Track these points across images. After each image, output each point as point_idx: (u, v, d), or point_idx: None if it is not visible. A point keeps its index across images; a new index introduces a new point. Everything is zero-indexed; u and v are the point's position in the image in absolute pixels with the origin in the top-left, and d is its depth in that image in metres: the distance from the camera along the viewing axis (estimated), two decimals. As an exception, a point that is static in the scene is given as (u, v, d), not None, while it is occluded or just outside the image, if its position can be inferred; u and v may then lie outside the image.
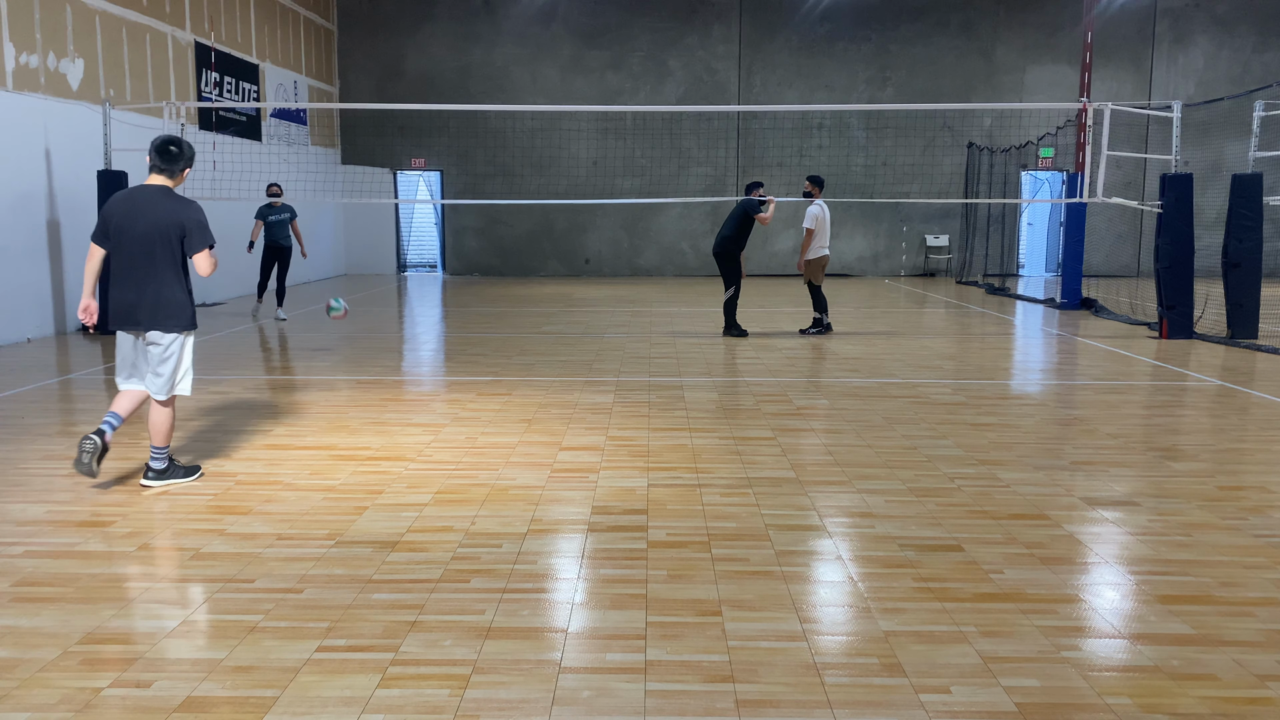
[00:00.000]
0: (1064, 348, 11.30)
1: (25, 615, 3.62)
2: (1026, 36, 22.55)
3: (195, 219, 5.23)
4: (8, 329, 11.02)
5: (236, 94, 17.21)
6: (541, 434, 6.62)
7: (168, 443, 5.33)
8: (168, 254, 5.18)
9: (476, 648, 3.36)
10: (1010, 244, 22.54)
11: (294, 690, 3.07)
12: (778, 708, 2.97)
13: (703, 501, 5.07)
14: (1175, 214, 11.83)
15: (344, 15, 22.49)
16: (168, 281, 5.20)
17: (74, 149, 12.22)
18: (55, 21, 12.04)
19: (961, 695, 3.04)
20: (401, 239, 23.67)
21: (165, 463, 5.33)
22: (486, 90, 22.51)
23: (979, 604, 3.75)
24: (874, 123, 22.63)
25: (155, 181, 5.25)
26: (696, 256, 23.25)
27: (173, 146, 5.25)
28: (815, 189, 12.16)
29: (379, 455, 6.04)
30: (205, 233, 5.26)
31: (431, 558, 4.24)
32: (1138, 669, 3.24)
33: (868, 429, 6.82)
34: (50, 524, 4.67)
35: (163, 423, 5.27)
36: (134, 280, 5.17)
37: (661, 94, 22.61)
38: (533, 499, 5.10)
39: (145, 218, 5.14)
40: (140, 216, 5.14)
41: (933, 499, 5.13)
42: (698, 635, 3.46)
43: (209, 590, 3.86)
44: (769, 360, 10.07)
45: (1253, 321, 11.40)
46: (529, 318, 14.06)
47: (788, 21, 22.57)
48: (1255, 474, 5.70)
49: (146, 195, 5.19)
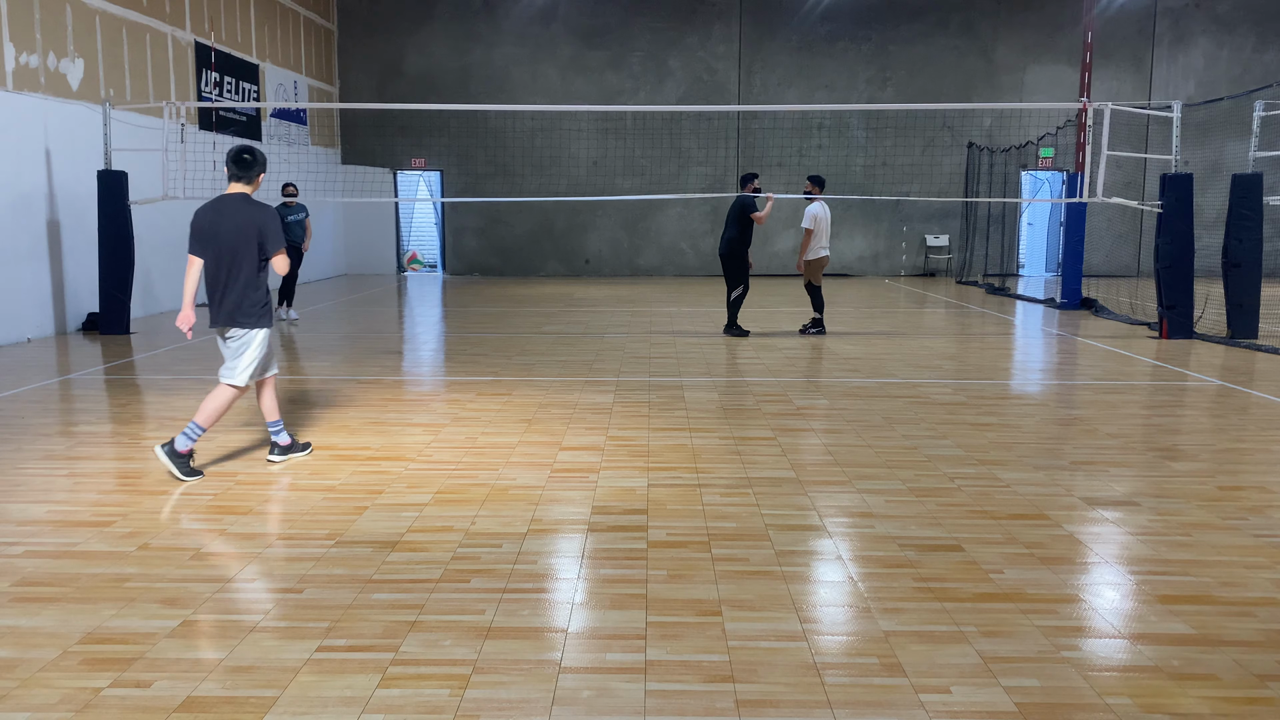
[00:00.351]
0: (1064, 348, 11.30)
1: (25, 615, 3.62)
2: (1026, 36, 22.55)
3: (271, 224, 5.65)
4: (8, 329, 11.02)
5: (236, 94, 17.21)
6: (541, 434, 6.62)
7: (209, 425, 5.64)
8: (249, 257, 5.59)
9: (476, 648, 3.36)
10: (1010, 244, 22.53)
11: (294, 690, 3.07)
12: (778, 708, 2.97)
13: (703, 501, 5.07)
14: (1175, 214, 11.82)
15: (344, 15, 22.49)
16: (250, 282, 5.64)
17: (74, 149, 12.22)
18: (55, 21, 12.04)
19: (961, 695, 3.04)
20: (401, 239, 23.67)
21: (190, 446, 5.53)
22: (486, 90, 22.51)
23: (979, 604, 3.74)
24: (874, 123, 22.63)
25: (235, 190, 5.66)
26: (696, 256, 23.25)
27: (246, 154, 5.64)
28: (815, 189, 12.15)
29: (379, 455, 6.04)
30: (280, 236, 5.68)
31: (431, 558, 4.24)
32: (1138, 669, 3.24)
33: (868, 429, 6.82)
34: (50, 524, 4.67)
35: (215, 406, 5.62)
36: (220, 282, 5.61)
37: (661, 94, 22.61)
38: (533, 499, 5.10)
39: (229, 224, 5.55)
40: (224, 223, 5.56)
41: (933, 499, 5.13)
42: (698, 635, 3.46)
43: (209, 590, 3.86)
44: (769, 360, 10.07)
45: (1253, 321, 11.40)
46: (529, 318, 14.06)
47: (788, 21, 22.57)
48: (1255, 474, 5.70)
49: (229, 203, 5.61)
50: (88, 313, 12.40)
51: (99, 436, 6.57)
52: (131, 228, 12.02)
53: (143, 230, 12.56)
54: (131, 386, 8.55)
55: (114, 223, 11.84)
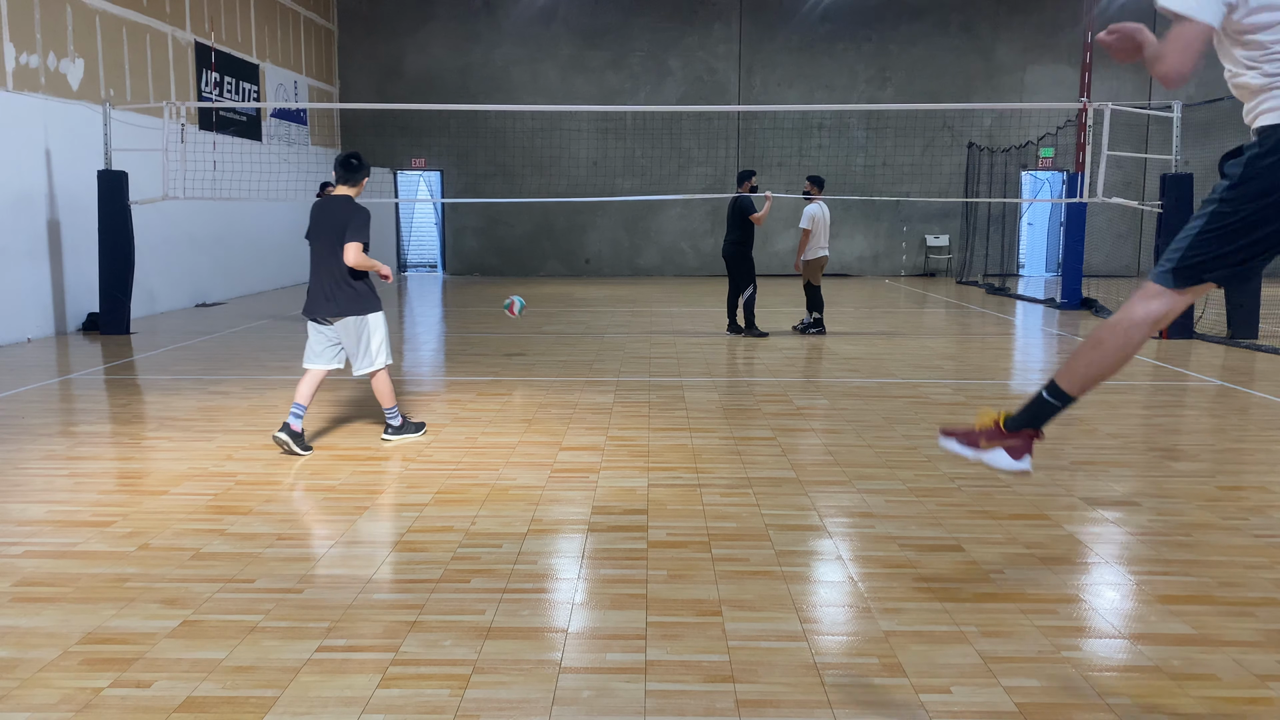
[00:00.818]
0: (1064, 348, 11.30)
1: (25, 615, 3.62)
2: (1026, 36, 22.55)
3: (357, 219, 6.09)
4: (8, 329, 11.02)
5: (236, 94, 17.21)
6: (541, 434, 6.62)
7: (393, 403, 6.29)
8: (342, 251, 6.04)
9: (476, 648, 3.36)
10: (1010, 244, 22.53)
11: (294, 690, 3.06)
12: (778, 708, 2.97)
13: (703, 501, 5.07)
14: (1175, 214, 11.82)
15: (344, 15, 22.49)
16: (346, 275, 6.09)
17: (74, 149, 12.22)
18: (55, 21, 12.04)
19: (961, 695, 3.04)
20: (402, 239, 23.67)
21: (400, 419, 6.33)
22: (486, 90, 22.51)
23: (979, 604, 3.74)
24: (874, 123, 22.63)
25: (340, 192, 6.22)
26: (696, 256, 23.25)
27: (353, 160, 6.23)
28: (815, 189, 12.15)
29: (379, 455, 6.04)
30: (360, 230, 6.07)
31: (431, 558, 4.24)
32: (1138, 669, 3.24)
33: (868, 429, 6.82)
34: (50, 524, 4.67)
35: (382, 388, 6.28)
36: (319, 276, 6.13)
37: (661, 94, 22.61)
38: (533, 499, 5.10)
39: (328, 221, 6.13)
40: (325, 220, 6.15)
41: (933, 499, 5.13)
42: (698, 635, 3.46)
43: (209, 590, 3.86)
44: (769, 360, 10.07)
45: (1253, 321, 11.41)
46: (529, 318, 14.07)
47: (788, 21, 22.57)
48: (1255, 474, 5.70)
49: (332, 202, 6.20)
50: (88, 313, 12.40)
51: (99, 436, 6.57)
52: (131, 228, 12.02)
53: (143, 230, 12.57)
54: (131, 386, 8.56)
55: (114, 223, 11.84)
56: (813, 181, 12.20)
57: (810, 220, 11.92)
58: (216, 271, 16.21)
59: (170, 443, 6.36)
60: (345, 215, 6.09)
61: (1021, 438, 3.14)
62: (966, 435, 3.19)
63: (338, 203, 6.19)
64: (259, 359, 10.03)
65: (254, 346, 10.97)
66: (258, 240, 17.76)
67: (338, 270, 6.06)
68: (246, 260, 17.42)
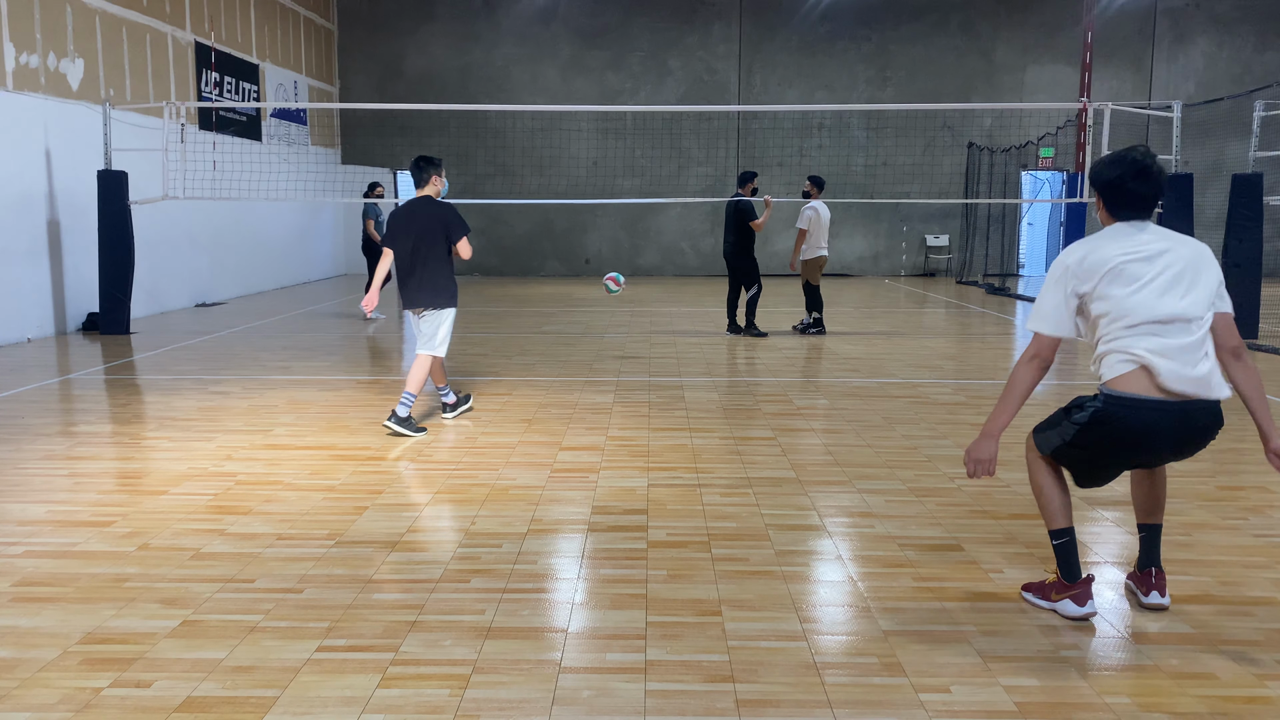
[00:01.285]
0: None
1: (25, 615, 3.62)
2: (1026, 36, 22.54)
3: (453, 216, 6.64)
4: (8, 329, 11.02)
5: (236, 94, 17.21)
6: (541, 434, 6.62)
7: (419, 389, 6.59)
8: (436, 248, 6.60)
9: (476, 648, 3.36)
10: (1010, 244, 22.54)
11: (294, 690, 3.07)
12: (778, 708, 2.97)
13: (703, 501, 5.07)
14: (1175, 214, 11.82)
15: (344, 15, 22.48)
16: (438, 271, 6.65)
17: (74, 149, 12.22)
18: (55, 21, 12.04)
19: (961, 695, 3.04)
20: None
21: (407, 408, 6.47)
22: (486, 90, 22.51)
23: (979, 604, 3.75)
24: (874, 123, 22.63)
25: (420, 193, 6.68)
26: (696, 256, 23.25)
27: (423, 161, 6.65)
28: (815, 189, 12.15)
29: (379, 455, 6.04)
30: (461, 225, 6.65)
31: (431, 558, 4.24)
32: (1138, 669, 3.24)
33: (868, 429, 6.82)
34: (50, 524, 4.67)
35: (419, 370, 6.63)
36: (414, 272, 6.63)
37: (661, 94, 22.60)
38: (533, 499, 5.10)
39: (417, 222, 6.60)
40: (414, 222, 6.61)
41: (933, 499, 5.13)
42: (698, 635, 3.46)
43: (209, 590, 3.86)
44: (769, 360, 10.07)
45: (1253, 321, 11.40)
46: (529, 318, 14.06)
47: (788, 21, 22.57)
48: (1255, 474, 5.70)
49: (417, 204, 6.66)
50: (88, 313, 12.40)
51: (99, 436, 6.57)
52: (131, 228, 12.02)
53: (143, 230, 12.57)
54: (131, 386, 8.56)
55: (114, 223, 11.84)
56: (813, 182, 12.20)
57: (807, 220, 11.93)
58: (216, 271, 16.21)
59: (170, 443, 6.36)
60: (440, 216, 6.58)
61: (1080, 585, 3.61)
62: (1040, 589, 3.75)
63: (425, 204, 6.61)
64: (259, 359, 10.03)
65: (254, 346, 10.97)
66: (258, 240, 17.77)
67: (436, 266, 6.59)
68: (246, 260, 17.42)
